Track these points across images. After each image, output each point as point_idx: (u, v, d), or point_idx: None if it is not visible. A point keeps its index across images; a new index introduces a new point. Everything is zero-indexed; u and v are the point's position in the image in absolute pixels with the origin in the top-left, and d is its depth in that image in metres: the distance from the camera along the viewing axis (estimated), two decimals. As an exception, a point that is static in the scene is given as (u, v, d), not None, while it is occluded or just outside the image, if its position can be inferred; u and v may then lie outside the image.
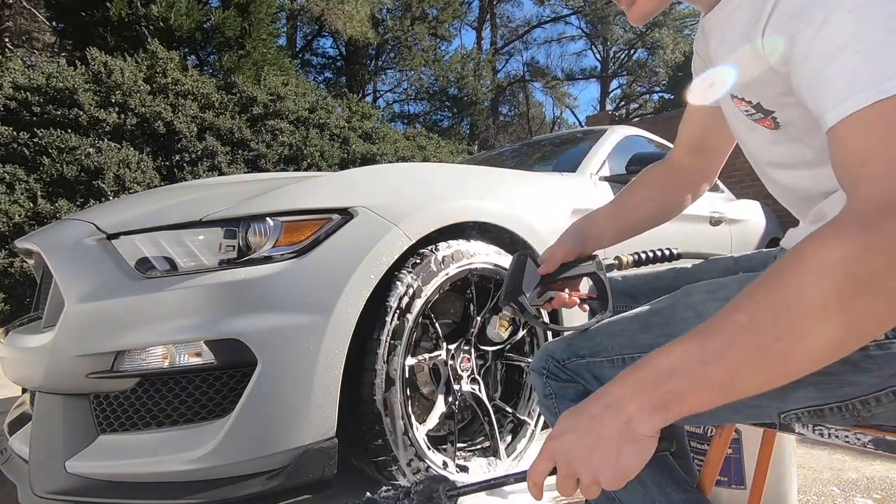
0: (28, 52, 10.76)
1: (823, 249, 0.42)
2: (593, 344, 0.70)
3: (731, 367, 0.44)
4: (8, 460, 1.21)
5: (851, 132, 0.44)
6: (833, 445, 1.40)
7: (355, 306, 1.14)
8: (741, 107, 0.65)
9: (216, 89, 6.77)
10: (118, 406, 1.07)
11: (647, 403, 0.47)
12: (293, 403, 1.06)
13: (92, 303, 1.05)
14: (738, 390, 0.45)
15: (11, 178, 4.92)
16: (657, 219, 0.96)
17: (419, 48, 15.81)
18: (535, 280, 0.83)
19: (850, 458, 1.60)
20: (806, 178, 0.66)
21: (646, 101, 21.36)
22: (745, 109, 0.65)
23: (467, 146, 12.45)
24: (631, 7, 0.66)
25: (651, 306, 0.69)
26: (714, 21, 0.64)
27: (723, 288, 0.64)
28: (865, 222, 0.41)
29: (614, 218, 0.94)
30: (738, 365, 0.44)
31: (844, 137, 0.45)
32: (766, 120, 0.62)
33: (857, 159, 0.44)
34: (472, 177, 1.62)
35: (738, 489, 1.15)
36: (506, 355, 1.56)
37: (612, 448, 0.48)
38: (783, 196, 0.74)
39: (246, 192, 1.18)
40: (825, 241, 0.42)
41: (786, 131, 0.62)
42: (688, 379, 0.46)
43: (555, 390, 0.72)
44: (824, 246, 0.42)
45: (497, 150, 3.70)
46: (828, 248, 0.42)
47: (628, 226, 0.94)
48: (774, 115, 0.61)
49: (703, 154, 0.93)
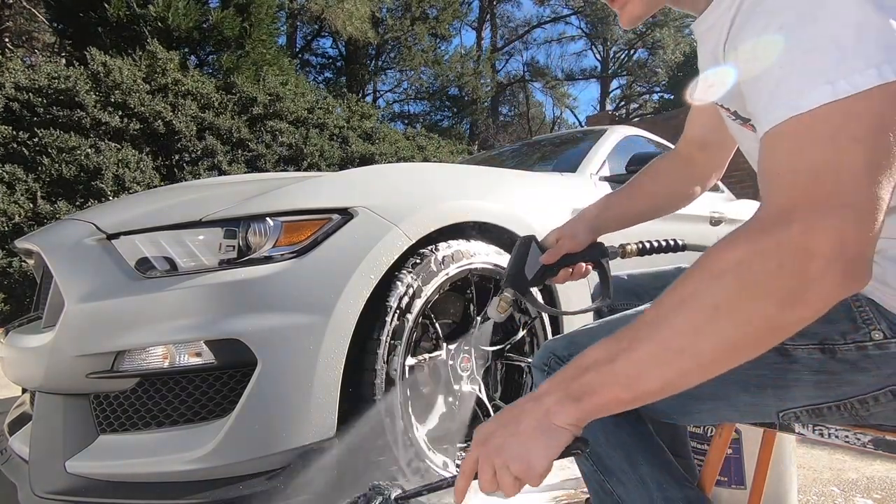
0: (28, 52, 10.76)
1: (721, 251, 0.45)
2: (594, 341, 0.70)
3: (635, 363, 0.47)
4: (8, 460, 1.21)
5: (769, 145, 0.46)
6: (833, 445, 1.40)
7: (355, 306, 1.14)
8: (724, 113, 0.67)
9: (216, 89, 6.77)
10: (118, 406, 1.07)
11: (564, 396, 0.50)
12: (293, 403, 1.06)
13: (92, 303, 1.05)
14: (643, 387, 0.47)
15: (11, 178, 4.92)
16: (663, 209, 0.97)
17: (419, 48, 15.80)
18: (538, 266, 0.85)
19: (850, 458, 1.60)
20: None
21: (646, 102, 21.36)
22: (729, 115, 0.66)
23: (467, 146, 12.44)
24: (622, 10, 0.67)
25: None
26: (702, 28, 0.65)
27: None
28: (762, 227, 0.43)
29: (621, 206, 0.95)
30: (641, 360, 0.47)
31: (764, 149, 0.46)
32: (746, 125, 0.63)
33: (769, 170, 0.46)
34: (473, 177, 1.62)
35: (738, 489, 1.15)
36: (506, 355, 1.56)
37: (527, 437, 0.50)
38: None
39: (246, 192, 1.18)
40: (725, 244, 0.45)
41: None
42: (599, 374, 0.48)
43: None
44: (723, 248, 0.45)
45: (497, 150, 3.70)
46: (725, 250, 0.44)
47: (635, 214, 0.96)
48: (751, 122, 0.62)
49: (710, 149, 0.94)
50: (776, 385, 0.62)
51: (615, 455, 0.68)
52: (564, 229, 0.91)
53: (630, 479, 0.67)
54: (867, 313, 0.57)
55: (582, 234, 0.90)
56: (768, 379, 0.61)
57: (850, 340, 0.57)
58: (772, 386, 0.62)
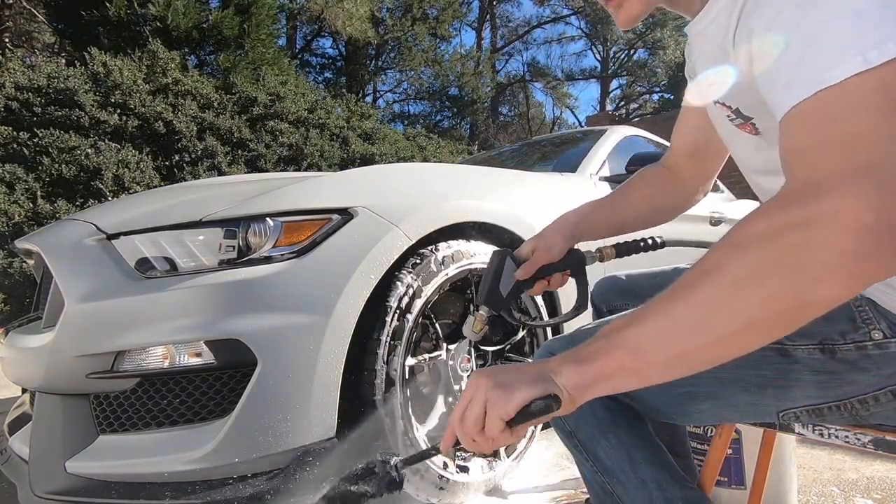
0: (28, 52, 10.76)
1: (746, 225, 0.43)
2: None
3: (645, 332, 0.46)
4: (8, 460, 1.21)
5: (794, 122, 0.44)
6: (833, 445, 1.40)
7: (355, 306, 1.14)
8: (723, 111, 0.66)
9: (216, 89, 6.77)
10: (118, 406, 1.07)
11: (568, 358, 0.50)
12: (293, 404, 1.06)
13: (92, 303, 1.05)
14: (650, 357, 0.46)
15: (11, 177, 4.92)
16: (648, 221, 0.95)
17: (419, 48, 15.79)
18: (513, 281, 0.84)
19: (850, 458, 1.60)
20: None
21: (646, 102, 21.36)
22: (728, 114, 0.65)
23: (467, 146, 12.45)
24: (618, 10, 0.67)
25: (651, 305, 0.70)
26: (697, 29, 0.65)
27: None
28: (790, 199, 0.42)
29: (604, 216, 0.93)
30: (652, 330, 0.46)
31: (788, 127, 0.45)
32: (746, 125, 0.63)
33: (796, 147, 0.44)
34: (472, 177, 1.62)
35: (738, 489, 1.15)
36: (506, 355, 1.56)
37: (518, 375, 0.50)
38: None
39: (246, 193, 1.18)
40: (751, 218, 0.43)
41: (766, 137, 0.63)
42: (608, 341, 0.48)
43: None
44: (749, 222, 0.43)
45: (497, 150, 3.70)
46: (750, 224, 0.43)
47: (617, 225, 0.93)
48: (753, 121, 0.62)
49: (700, 159, 0.92)
50: (776, 385, 0.62)
51: (615, 455, 0.68)
52: (539, 241, 0.88)
53: (630, 479, 0.67)
54: (867, 313, 0.57)
55: (558, 246, 0.87)
56: (768, 379, 0.61)
57: (850, 340, 0.57)
58: (772, 386, 0.62)
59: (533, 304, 1.54)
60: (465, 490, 1.31)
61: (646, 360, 0.46)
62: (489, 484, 1.38)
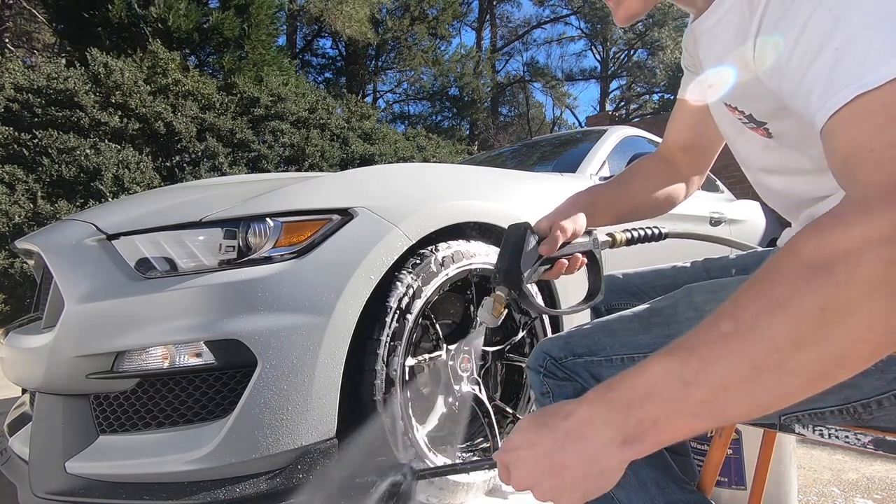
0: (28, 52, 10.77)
1: (818, 241, 0.37)
2: (591, 342, 0.70)
3: (717, 387, 0.38)
4: (8, 461, 1.21)
5: (842, 128, 0.41)
6: (833, 446, 1.40)
7: (355, 307, 1.14)
8: (734, 115, 0.65)
9: (216, 90, 6.77)
10: (118, 406, 1.07)
11: (616, 434, 0.41)
12: (293, 404, 1.06)
13: (92, 303, 1.05)
14: (726, 415, 0.39)
15: (11, 178, 4.92)
16: (652, 210, 0.95)
17: (419, 48, 15.81)
18: (534, 258, 0.75)
19: (850, 459, 1.60)
20: (800, 184, 0.66)
21: (645, 102, 21.35)
22: (739, 118, 0.65)
23: (467, 146, 12.45)
24: (618, 7, 0.66)
25: (651, 305, 0.69)
26: (704, 26, 0.64)
27: (724, 288, 0.63)
28: (867, 208, 0.36)
29: (615, 202, 0.91)
30: (725, 384, 0.38)
31: (836, 134, 0.42)
32: (759, 129, 0.62)
33: (851, 151, 0.41)
34: (472, 177, 1.62)
35: (738, 489, 1.15)
36: (506, 356, 1.56)
37: (574, 480, 0.43)
38: (773, 199, 0.74)
39: (246, 193, 1.18)
40: (822, 233, 0.37)
41: (779, 140, 0.62)
42: (665, 403, 0.39)
43: (552, 388, 0.72)
44: (820, 238, 0.37)
45: (497, 150, 3.70)
46: (826, 240, 0.36)
47: (626, 212, 0.92)
48: (767, 126, 0.61)
49: (694, 152, 0.92)
50: None
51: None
52: (558, 215, 0.80)
53: (630, 481, 0.67)
54: None
55: (581, 222, 0.80)
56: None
57: None
58: None
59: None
60: (466, 490, 1.31)
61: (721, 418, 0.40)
62: (489, 484, 1.38)
